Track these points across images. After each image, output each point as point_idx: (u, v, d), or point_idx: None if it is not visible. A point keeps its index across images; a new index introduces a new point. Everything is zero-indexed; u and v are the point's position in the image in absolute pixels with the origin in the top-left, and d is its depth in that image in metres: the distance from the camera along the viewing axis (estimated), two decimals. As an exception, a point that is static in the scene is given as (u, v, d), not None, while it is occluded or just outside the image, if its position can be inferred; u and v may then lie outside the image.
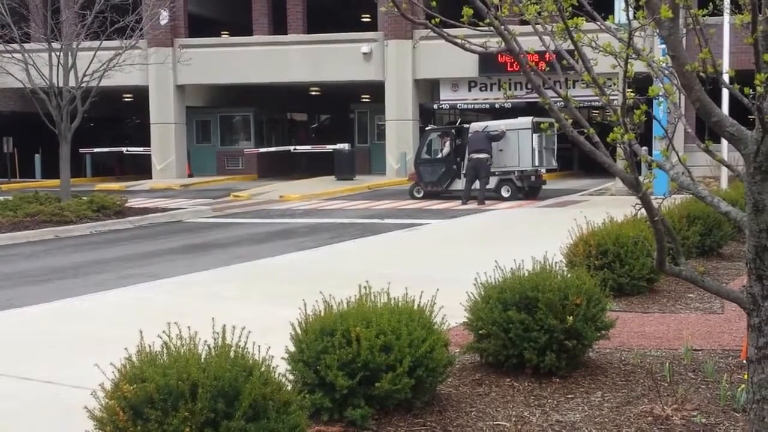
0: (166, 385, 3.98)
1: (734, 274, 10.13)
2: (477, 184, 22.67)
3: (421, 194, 24.43)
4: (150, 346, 4.27)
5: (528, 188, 23.53)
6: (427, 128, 26.71)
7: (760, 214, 3.92)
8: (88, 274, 12.16)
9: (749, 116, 3.74)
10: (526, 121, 23.24)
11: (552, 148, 24.27)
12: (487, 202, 22.20)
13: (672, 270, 4.21)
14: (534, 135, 22.86)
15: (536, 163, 23.36)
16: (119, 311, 8.92)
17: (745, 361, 4.46)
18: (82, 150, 34.50)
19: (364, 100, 39.15)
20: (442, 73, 31.47)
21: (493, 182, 23.15)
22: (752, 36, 3.44)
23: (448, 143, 24.31)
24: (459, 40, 4.15)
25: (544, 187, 24.40)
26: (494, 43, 4.14)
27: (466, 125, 24.67)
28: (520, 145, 23.28)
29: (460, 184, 23.54)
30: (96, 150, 36.58)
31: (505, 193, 23.28)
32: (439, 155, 24.48)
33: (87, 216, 18.64)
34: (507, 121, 23.95)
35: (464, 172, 23.28)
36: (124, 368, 4.20)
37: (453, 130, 24.80)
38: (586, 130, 4.04)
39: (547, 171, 24.86)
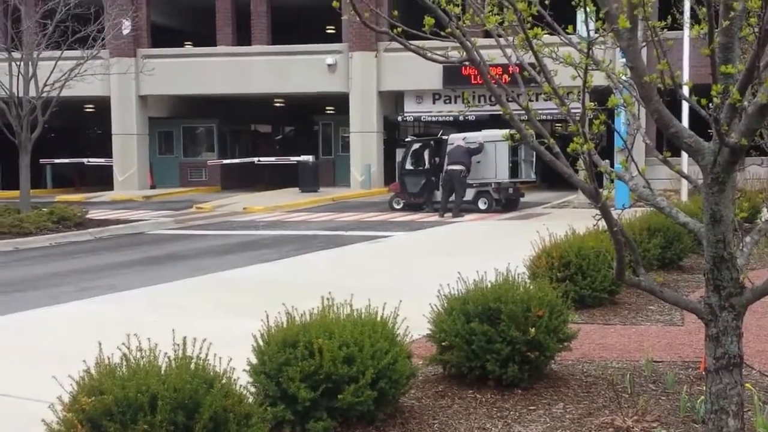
0: (125, 397, 3.93)
1: (694, 286, 10.24)
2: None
3: (401, 205, 23.97)
4: (109, 358, 4.22)
5: (505, 200, 23.19)
6: (407, 139, 26.23)
7: (717, 225, 3.96)
8: (48, 287, 11.98)
9: (709, 129, 3.78)
10: (504, 133, 22.87)
11: (531, 160, 23.92)
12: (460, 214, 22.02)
13: (631, 280, 4.24)
14: (511, 147, 22.39)
15: (512, 176, 23.20)
16: (78, 324, 8.80)
17: (704, 373, 4.50)
18: (42, 161, 34.07)
19: (328, 111, 39.10)
20: (407, 86, 31.53)
21: (470, 194, 22.76)
22: (709, 47, 3.49)
23: (427, 154, 23.87)
24: (421, 50, 4.16)
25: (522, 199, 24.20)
26: (456, 54, 4.15)
27: (445, 137, 24.19)
28: (497, 157, 22.97)
29: (439, 196, 23.11)
30: (57, 161, 36.12)
31: (482, 206, 22.87)
32: (420, 167, 23.83)
33: (47, 228, 18.40)
34: (485, 133, 23.55)
35: (441, 184, 23.06)
36: (83, 381, 4.14)
37: (432, 142, 24.27)
38: (546, 141, 4.06)
39: (522, 183, 24.65)
